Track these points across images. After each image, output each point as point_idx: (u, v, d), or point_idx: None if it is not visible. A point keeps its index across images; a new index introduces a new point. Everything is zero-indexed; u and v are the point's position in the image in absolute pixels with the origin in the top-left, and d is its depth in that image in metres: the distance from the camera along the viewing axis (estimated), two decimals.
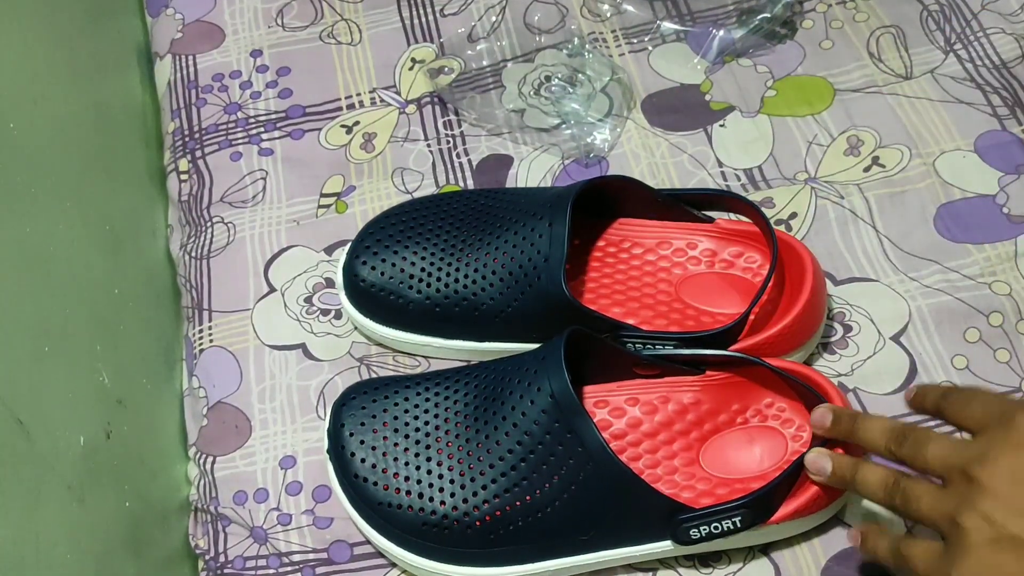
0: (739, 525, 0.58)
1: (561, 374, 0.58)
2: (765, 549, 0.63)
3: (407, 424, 0.62)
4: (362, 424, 0.62)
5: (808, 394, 0.61)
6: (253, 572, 0.65)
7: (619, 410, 0.65)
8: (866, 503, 0.63)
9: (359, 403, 0.63)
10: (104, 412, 0.64)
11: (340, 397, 0.64)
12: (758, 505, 0.58)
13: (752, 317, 0.66)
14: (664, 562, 0.63)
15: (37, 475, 0.54)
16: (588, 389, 0.65)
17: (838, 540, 0.63)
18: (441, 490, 0.60)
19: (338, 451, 0.62)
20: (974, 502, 0.49)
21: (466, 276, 0.66)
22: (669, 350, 0.64)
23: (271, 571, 0.65)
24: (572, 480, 0.58)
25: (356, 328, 0.72)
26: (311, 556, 0.65)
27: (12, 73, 0.64)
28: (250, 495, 0.67)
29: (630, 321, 0.67)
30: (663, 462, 0.64)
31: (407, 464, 0.61)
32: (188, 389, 0.73)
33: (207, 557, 0.67)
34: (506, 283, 0.65)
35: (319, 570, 0.65)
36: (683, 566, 0.63)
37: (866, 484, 0.56)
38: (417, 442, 0.61)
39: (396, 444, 0.61)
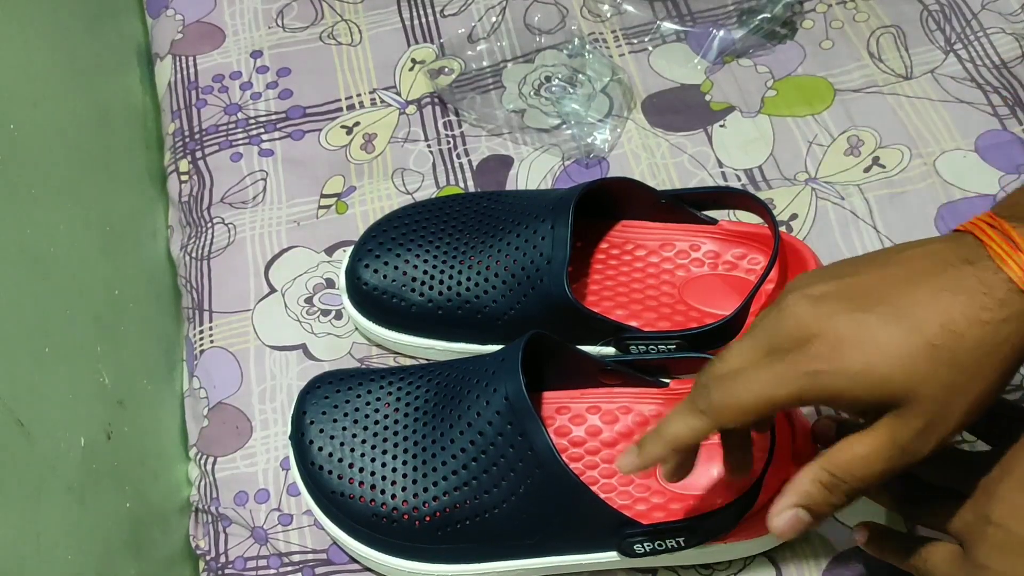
0: (682, 545, 0.57)
1: (516, 376, 0.57)
2: (768, 551, 0.63)
3: (367, 416, 0.62)
4: (324, 413, 0.63)
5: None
6: (254, 572, 0.65)
7: (579, 417, 0.64)
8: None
9: (323, 392, 0.64)
10: (105, 413, 0.63)
11: (306, 385, 0.65)
12: (701, 528, 0.57)
13: (753, 318, 0.66)
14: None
15: (37, 476, 0.54)
16: (550, 395, 0.65)
17: (840, 542, 0.63)
18: (393, 483, 0.60)
19: (299, 438, 0.63)
20: (991, 512, 0.50)
21: (468, 279, 0.66)
22: (671, 350, 0.64)
23: (271, 571, 0.65)
24: (520, 483, 0.57)
25: (358, 331, 0.72)
26: (311, 556, 0.65)
27: (12, 73, 0.64)
28: (251, 496, 0.67)
29: (633, 323, 0.66)
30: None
31: (363, 456, 0.61)
32: (189, 390, 0.73)
33: (208, 558, 0.67)
34: (509, 286, 0.65)
35: (319, 570, 0.65)
36: (683, 567, 0.63)
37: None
38: (375, 435, 0.61)
39: (355, 435, 0.62)
